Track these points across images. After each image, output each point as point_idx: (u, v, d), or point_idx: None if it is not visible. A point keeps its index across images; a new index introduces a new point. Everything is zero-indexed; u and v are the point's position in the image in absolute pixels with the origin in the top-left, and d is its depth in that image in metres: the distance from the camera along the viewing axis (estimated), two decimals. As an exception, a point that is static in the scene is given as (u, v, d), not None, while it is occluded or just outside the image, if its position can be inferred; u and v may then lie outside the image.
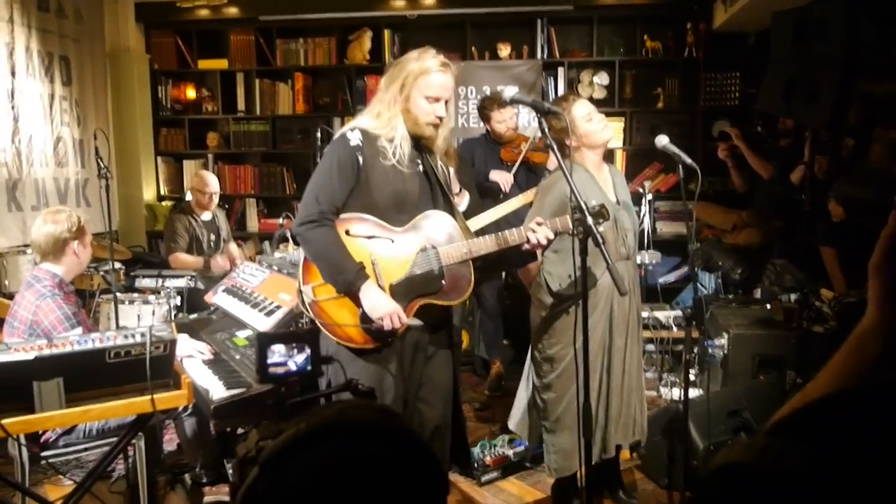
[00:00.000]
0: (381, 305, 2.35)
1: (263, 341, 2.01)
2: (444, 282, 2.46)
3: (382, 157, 2.42)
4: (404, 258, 2.45)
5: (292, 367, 2.01)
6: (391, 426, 0.88)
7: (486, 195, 4.27)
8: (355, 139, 2.43)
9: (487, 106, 4.54)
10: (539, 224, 2.45)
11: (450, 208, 2.56)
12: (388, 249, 2.44)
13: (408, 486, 0.86)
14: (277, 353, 1.99)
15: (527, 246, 2.45)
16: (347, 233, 2.41)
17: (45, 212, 3.19)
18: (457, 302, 2.53)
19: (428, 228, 2.49)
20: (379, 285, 2.40)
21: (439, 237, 2.48)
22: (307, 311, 2.42)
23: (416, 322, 2.48)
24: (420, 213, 2.48)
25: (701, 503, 0.57)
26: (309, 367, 2.02)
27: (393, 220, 2.46)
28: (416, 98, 2.42)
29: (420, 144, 2.52)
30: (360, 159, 2.42)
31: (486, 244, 2.46)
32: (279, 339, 2.04)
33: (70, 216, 3.11)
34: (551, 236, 2.46)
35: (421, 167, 2.52)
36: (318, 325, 2.41)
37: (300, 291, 2.43)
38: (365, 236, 2.42)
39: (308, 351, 2.02)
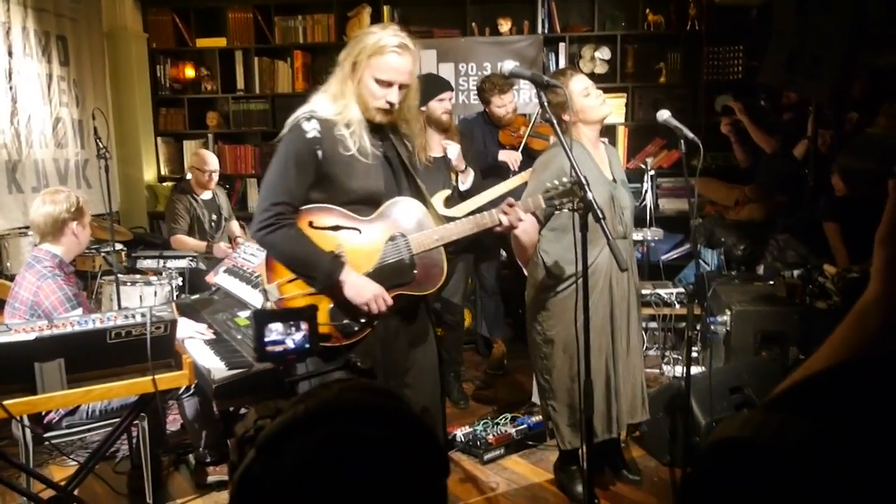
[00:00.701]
0: (363, 289, 2.26)
1: (260, 319, 1.99)
2: (415, 271, 2.37)
3: (343, 149, 2.27)
4: (373, 248, 2.34)
5: (290, 344, 2.00)
6: (389, 408, 0.87)
7: (493, 174, 4.24)
8: (312, 130, 2.26)
9: (487, 90, 4.48)
10: (511, 206, 2.36)
11: (417, 192, 2.44)
12: (356, 240, 2.33)
13: (407, 468, 0.85)
14: (275, 331, 1.98)
15: (499, 229, 2.38)
16: (311, 224, 2.30)
17: (43, 192, 3.18)
18: (430, 291, 2.42)
19: (396, 216, 2.38)
20: None
21: (409, 225, 2.38)
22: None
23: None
24: (386, 200, 2.38)
25: (698, 479, 0.55)
26: (307, 345, 2.01)
27: (359, 211, 2.35)
28: (367, 79, 2.26)
29: (380, 126, 2.38)
30: (319, 153, 2.27)
31: (458, 229, 2.37)
32: (276, 316, 2.02)
33: (69, 196, 3.11)
34: (522, 217, 2.38)
35: (382, 151, 2.38)
36: None
37: (264, 291, 2.33)
38: (330, 227, 2.31)
39: (306, 328, 2.00)
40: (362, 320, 2.30)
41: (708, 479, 0.54)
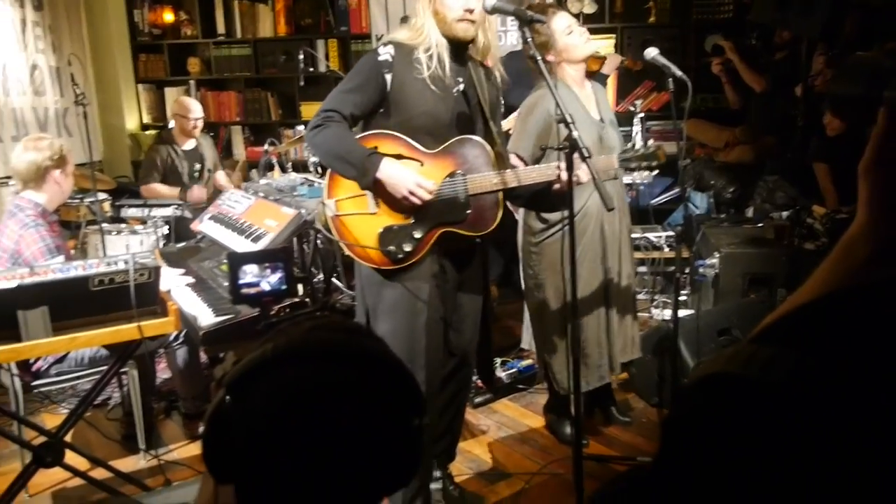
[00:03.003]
0: (403, 178, 2.22)
1: (235, 261, 1.97)
2: (468, 211, 2.35)
3: (416, 73, 2.27)
4: (429, 181, 2.30)
5: (265, 287, 1.98)
6: (357, 346, 0.86)
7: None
8: (385, 54, 2.29)
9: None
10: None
11: (489, 135, 2.41)
12: (416, 171, 2.31)
13: (375, 407, 0.84)
14: (250, 273, 1.96)
15: (557, 186, 2.31)
16: (376, 149, 2.28)
17: (25, 139, 3.13)
18: (480, 234, 2.40)
19: (460, 154, 2.35)
20: None
21: (471, 164, 2.35)
22: (329, 224, 2.34)
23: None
24: (454, 136, 2.35)
25: (684, 416, 0.53)
26: (284, 287, 2.00)
27: (425, 142, 2.33)
28: None
29: (464, 56, 2.35)
30: (388, 77, 2.28)
31: (519, 177, 2.33)
32: (250, 258, 2.00)
33: (52, 144, 3.05)
34: (583, 179, 2.28)
35: (462, 86, 2.35)
36: (337, 238, 2.35)
37: (323, 204, 2.35)
38: (392, 155, 2.29)
39: (282, 270, 1.98)
40: (406, 248, 2.30)
41: (694, 415, 0.52)
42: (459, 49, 2.34)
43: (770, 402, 0.47)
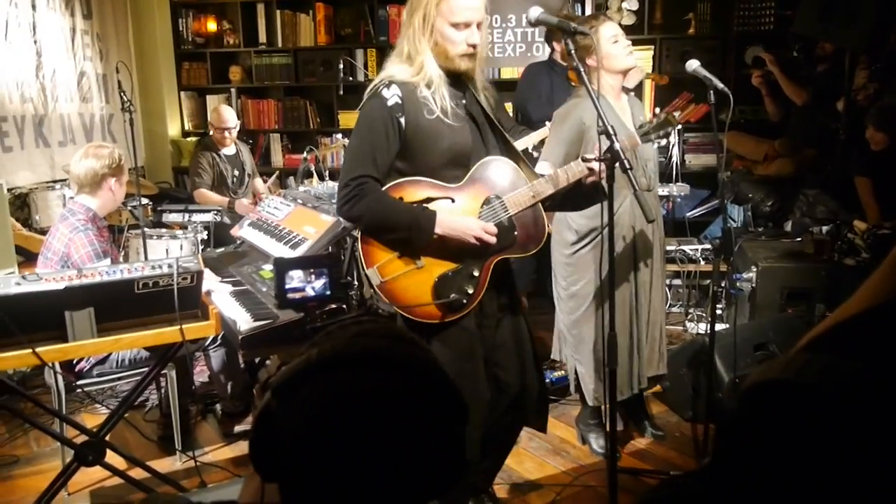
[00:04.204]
0: (464, 227, 2.16)
1: (281, 267, 2.01)
2: (516, 232, 2.27)
3: (427, 112, 2.16)
4: (469, 215, 2.24)
5: (310, 292, 2.01)
6: (401, 354, 0.87)
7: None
8: (393, 97, 2.16)
9: (554, 31, 4.31)
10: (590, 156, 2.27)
11: (506, 147, 2.33)
12: (450, 209, 2.22)
13: (418, 414, 0.85)
14: (296, 278, 1.99)
15: (592, 178, 2.25)
16: (401, 200, 2.20)
17: (88, 146, 3.24)
18: (535, 250, 2.32)
19: (487, 177, 2.27)
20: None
21: (502, 185, 2.27)
22: (379, 295, 2.23)
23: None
24: (476, 162, 2.26)
25: (737, 423, 0.53)
26: (328, 292, 2.03)
27: (448, 178, 2.24)
28: (442, 27, 2.14)
29: (459, 80, 2.26)
30: (402, 120, 2.16)
31: (552, 183, 2.25)
32: (297, 264, 2.03)
33: (112, 153, 3.16)
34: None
35: (465, 108, 2.26)
36: (394, 307, 2.23)
37: (366, 276, 2.24)
38: (421, 200, 2.20)
39: (326, 276, 2.01)
40: (469, 291, 2.23)
41: (748, 422, 0.52)
42: (456, 76, 2.26)
43: (826, 410, 0.46)
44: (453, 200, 2.25)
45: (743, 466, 0.51)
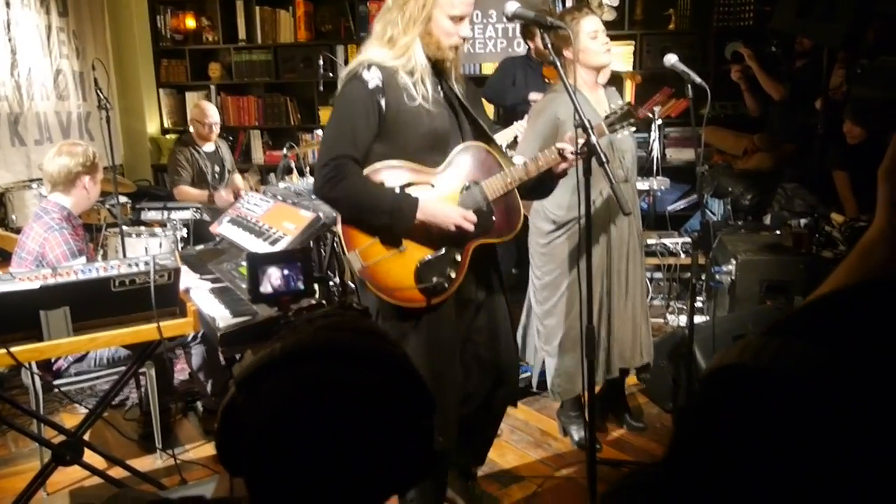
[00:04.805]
0: (449, 211, 2.18)
1: (254, 261, 2.00)
2: (494, 218, 2.30)
3: (407, 98, 2.17)
4: (449, 201, 2.26)
5: (283, 286, 2.01)
6: (365, 347, 0.86)
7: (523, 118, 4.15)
8: (374, 79, 2.16)
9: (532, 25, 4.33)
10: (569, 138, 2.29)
11: (480, 133, 2.36)
12: (430, 195, 2.24)
13: (381, 407, 0.84)
14: (269, 273, 1.98)
15: (563, 165, 2.26)
16: (382, 185, 2.20)
17: (61, 143, 3.20)
18: (511, 236, 2.35)
19: (465, 163, 2.29)
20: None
21: (479, 171, 2.29)
22: (361, 278, 2.25)
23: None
24: (452, 147, 2.29)
25: (696, 408, 0.53)
26: (302, 287, 2.02)
27: (427, 162, 2.25)
28: (439, 18, 2.17)
29: (437, 69, 2.28)
30: (383, 103, 2.17)
31: (528, 168, 2.28)
32: (270, 259, 2.02)
33: (86, 151, 3.12)
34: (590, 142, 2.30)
35: (442, 95, 2.29)
36: (375, 291, 2.24)
37: (347, 260, 2.26)
38: (401, 185, 2.21)
39: (300, 270, 2.01)
40: (451, 275, 2.24)
41: (706, 407, 0.52)
42: (437, 65, 2.28)
43: (780, 393, 0.46)
44: (433, 185, 2.26)
45: (699, 451, 0.51)
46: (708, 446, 0.50)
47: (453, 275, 2.27)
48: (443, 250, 2.27)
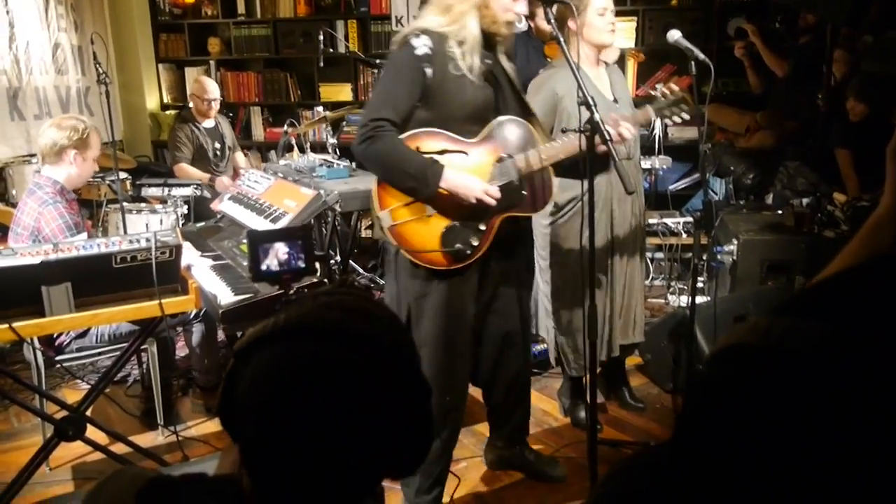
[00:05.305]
0: (467, 187, 2.23)
1: (254, 239, 1.99)
2: (524, 192, 2.35)
3: (453, 68, 2.22)
4: (481, 171, 2.31)
5: (285, 264, 2.01)
6: (355, 328, 0.86)
7: None
8: (422, 46, 2.20)
9: (531, 2, 4.32)
10: (617, 120, 2.32)
11: (523, 110, 2.40)
12: (463, 163, 2.29)
13: (373, 389, 0.84)
14: (269, 251, 1.98)
15: (602, 148, 2.23)
16: (418, 150, 2.25)
17: (57, 117, 3.17)
18: (540, 211, 2.42)
19: (502, 136, 2.34)
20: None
21: (515, 145, 2.34)
22: (388, 237, 2.32)
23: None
24: (492, 119, 2.34)
25: (704, 386, 0.53)
26: (302, 264, 2.02)
27: (465, 132, 2.31)
28: None
29: (488, 43, 2.31)
30: (429, 71, 2.21)
31: (564, 148, 2.30)
32: (270, 236, 2.02)
33: (76, 125, 3.07)
34: (633, 132, 2.34)
35: (489, 68, 2.33)
36: (401, 249, 2.31)
37: (378, 217, 2.32)
38: (437, 151, 2.27)
39: (301, 248, 2.01)
40: (474, 243, 2.31)
41: (713, 386, 0.52)
42: (488, 38, 2.31)
43: (788, 370, 0.46)
44: (467, 154, 2.31)
45: (706, 430, 0.51)
46: (715, 425, 0.51)
47: (476, 243, 2.32)
48: (469, 218, 2.32)
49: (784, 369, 0.47)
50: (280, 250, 2.02)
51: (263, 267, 2.00)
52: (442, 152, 2.27)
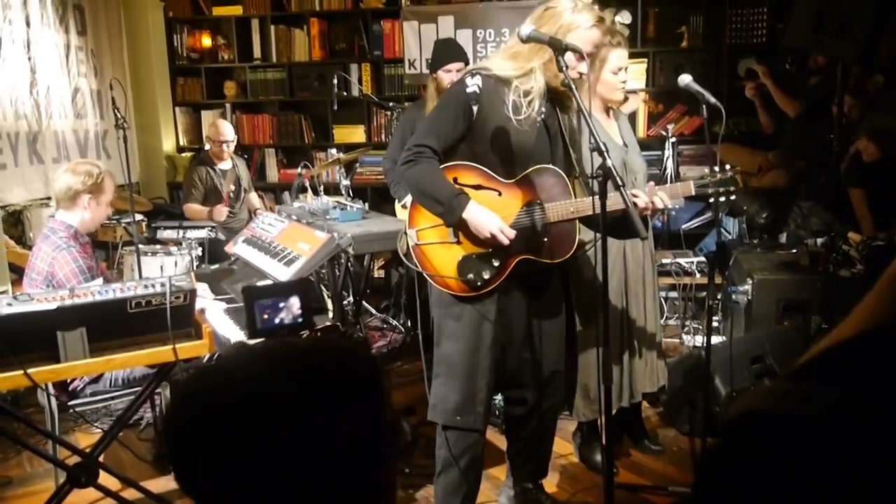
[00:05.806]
0: (485, 222, 2.29)
1: (249, 296, 1.98)
2: (546, 239, 2.41)
3: (503, 110, 2.31)
4: (507, 210, 2.37)
5: (282, 320, 2.00)
6: (249, 381, 0.88)
7: None
8: (473, 85, 2.33)
9: None
10: (653, 190, 2.38)
11: (567, 166, 2.46)
12: (492, 200, 2.37)
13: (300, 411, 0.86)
14: (266, 307, 1.98)
15: (643, 207, 2.33)
16: (455, 180, 2.35)
17: (73, 162, 3.20)
18: (558, 261, 2.46)
19: (537, 183, 2.40)
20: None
21: (548, 193, 2.40)
22: (411, 253, 2.42)
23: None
24: (533, 165, 2.40)
25: (720, 454, 0.52)
26: (300, 320, 2.01)
27: (503, 172, 2.39)
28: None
29: (552, 97, 2.41)
30: (475, 108, 2.33)
31: (595, 205, 2.30)
32: (266, 292, 2.02)
33: (91, 171, 3.10)
34: (668, 203, 2.39)
35: (543, 118, 2.40)
36: (419, 268, 2.41)
37: (405, 234, 2.44)
38: (471, 185, 2.36)
39: (298, 303, 2.00)
40: (485, 276, 2.36)
41: (730, 452, 0.51)
42: (552, 91, 2.39)
43: (805, 440, 0.45)
44: (500, 194, 2.39)
45: (722, 499, 0.50)
46: (730, 495, 0.50)
47: (487, 276, 2.37)
48: (487, 253, 2.39)
49: (800, 437, 0.46)
50: (277, 306, 2.01)
51: (259, 325, 1.99)
52: (477, 187, 2.37)
